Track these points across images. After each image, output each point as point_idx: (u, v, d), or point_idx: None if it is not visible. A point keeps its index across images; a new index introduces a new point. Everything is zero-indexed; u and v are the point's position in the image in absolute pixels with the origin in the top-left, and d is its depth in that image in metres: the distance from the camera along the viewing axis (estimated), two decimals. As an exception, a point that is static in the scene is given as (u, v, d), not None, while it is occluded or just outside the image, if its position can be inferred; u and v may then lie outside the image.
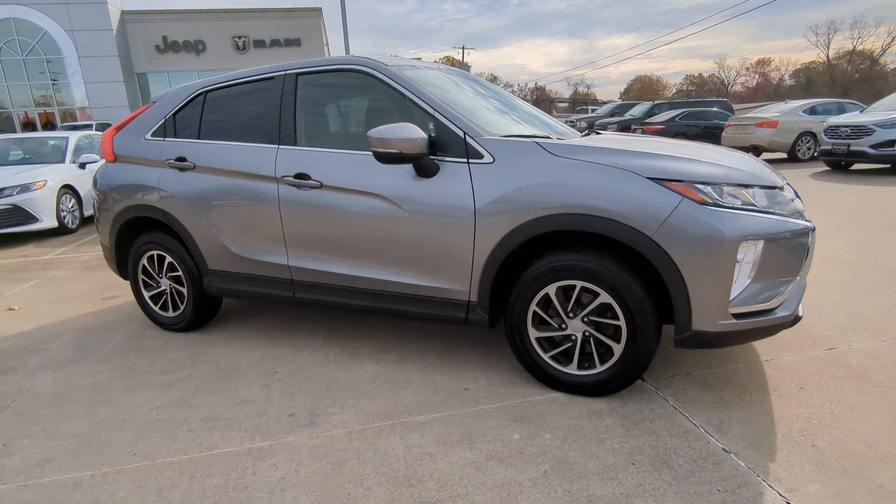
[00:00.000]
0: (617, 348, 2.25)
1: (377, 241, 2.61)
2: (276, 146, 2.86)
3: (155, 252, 3.37)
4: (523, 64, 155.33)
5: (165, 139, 3.27)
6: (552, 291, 2.31)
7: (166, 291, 3.43)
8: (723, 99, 18.57)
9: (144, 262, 3.44)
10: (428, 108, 2.51)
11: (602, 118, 18.30)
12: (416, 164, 2.41)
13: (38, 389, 2.77)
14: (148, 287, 3.50)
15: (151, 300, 3.51)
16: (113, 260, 3.61)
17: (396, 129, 2.31)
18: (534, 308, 2.36)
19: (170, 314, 3.45)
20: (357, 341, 3.16)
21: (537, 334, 2.40)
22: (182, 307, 3.39)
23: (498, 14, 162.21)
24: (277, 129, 2.87)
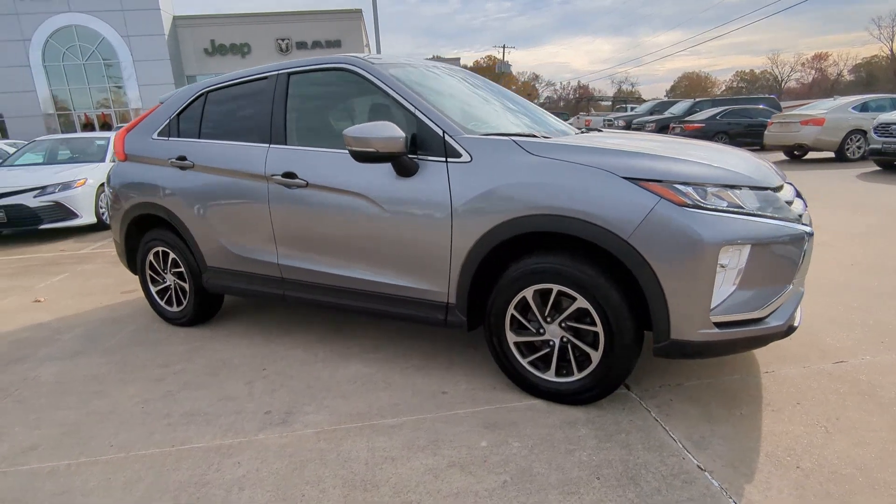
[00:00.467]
0: (595, 355, 2.15)
1: (360, 240, 2.59)
2: (268, 145, 2.89)
3: (160, 248, 3.47)
4: (566, 62, 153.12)
5: (170, 139, 3.36)
6: (529, 295, 2.23)
7: (171, 287, 3.53)
8: (770, 96, 17.70)
9: (151, 258, 3.55)
10: (409, 107, 2.47)
11: (641, 116, 17.79)
12: (395, 164, 2.38)
13: (42, 379, 2.89)
14: (154, 282, 3.61)
15: (158, 295, 3.61)
16: (123, 255, 3.74)
17: (374, 128, 2.28)
18: (512, 312, 2.29)
19: (174, 309, 3.55)
20: (349, 340, 3.15)
21: (516, 339, 2.33)
22: (185, 302, 3.48)
23: (541, 12, 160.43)
24: (269, 128, 2.90)
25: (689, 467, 1.84)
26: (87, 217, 7.38)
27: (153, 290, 3.62)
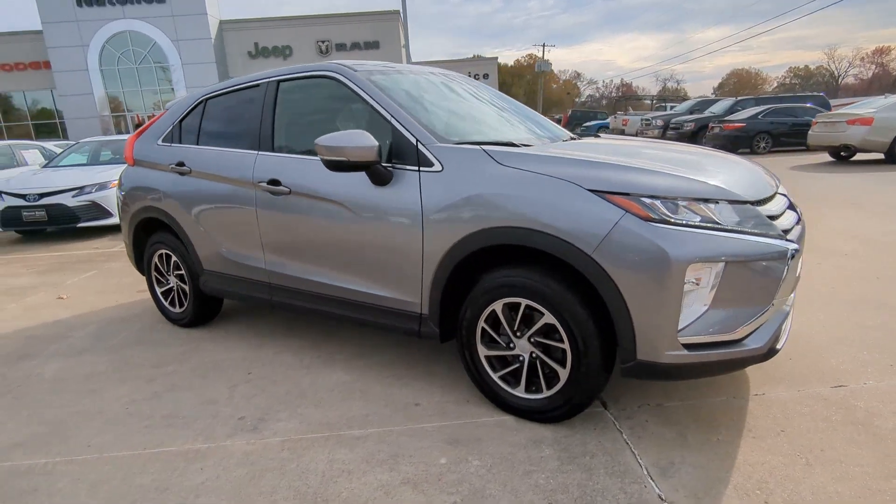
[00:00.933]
0: (563, 373, 2.08)
1: (340, 249, 2.59)
2: (256, 152, 2.92)
3: (163, 251, 3.58)
4: (610, 60, 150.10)
5: (172, 144, 3.45)
6: (499, 308, 2.18)
7: (173, 288, 3.63)
8: (819, 94, 16.79)
9: (156, 260, 3.66)
10: (386, 115, 2.45)
11: (680, 116, 17.22)
12: (370, 172, 2.36)
13: (44, 376, 3.02)
14: (160, 283, 3.72)
15: (163, 296, 3.72)
16: (132, 256, 3.87)
17: (346, 137, 2.27)
18: (482, 325, 2.24)
19: (177, 310, 3.65)
20: (337, 346, 3.16)
21: (487, 352, 2.28)
22: (186, 304, 3.57)
23: (584, 9, 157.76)
24: (258, 136, 2.94)
25: (649, 496, 1.75)
26: (121, 216, 7.70)
27: (158, 291, 3.73)
